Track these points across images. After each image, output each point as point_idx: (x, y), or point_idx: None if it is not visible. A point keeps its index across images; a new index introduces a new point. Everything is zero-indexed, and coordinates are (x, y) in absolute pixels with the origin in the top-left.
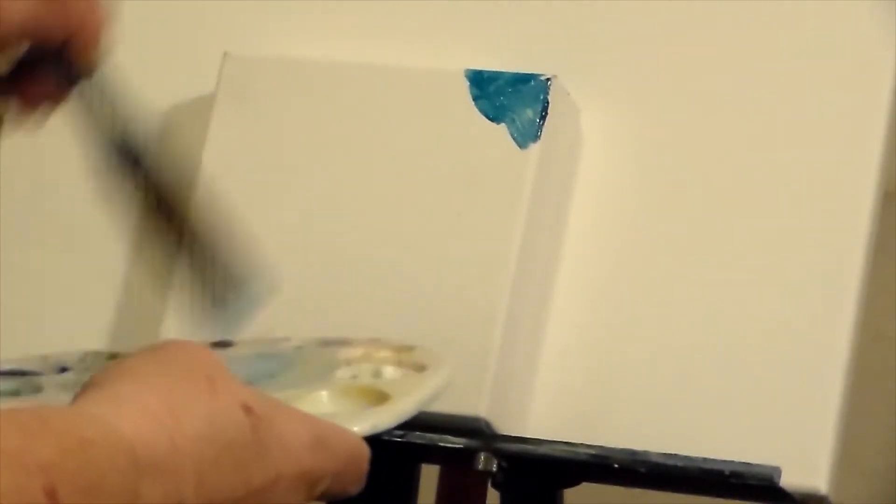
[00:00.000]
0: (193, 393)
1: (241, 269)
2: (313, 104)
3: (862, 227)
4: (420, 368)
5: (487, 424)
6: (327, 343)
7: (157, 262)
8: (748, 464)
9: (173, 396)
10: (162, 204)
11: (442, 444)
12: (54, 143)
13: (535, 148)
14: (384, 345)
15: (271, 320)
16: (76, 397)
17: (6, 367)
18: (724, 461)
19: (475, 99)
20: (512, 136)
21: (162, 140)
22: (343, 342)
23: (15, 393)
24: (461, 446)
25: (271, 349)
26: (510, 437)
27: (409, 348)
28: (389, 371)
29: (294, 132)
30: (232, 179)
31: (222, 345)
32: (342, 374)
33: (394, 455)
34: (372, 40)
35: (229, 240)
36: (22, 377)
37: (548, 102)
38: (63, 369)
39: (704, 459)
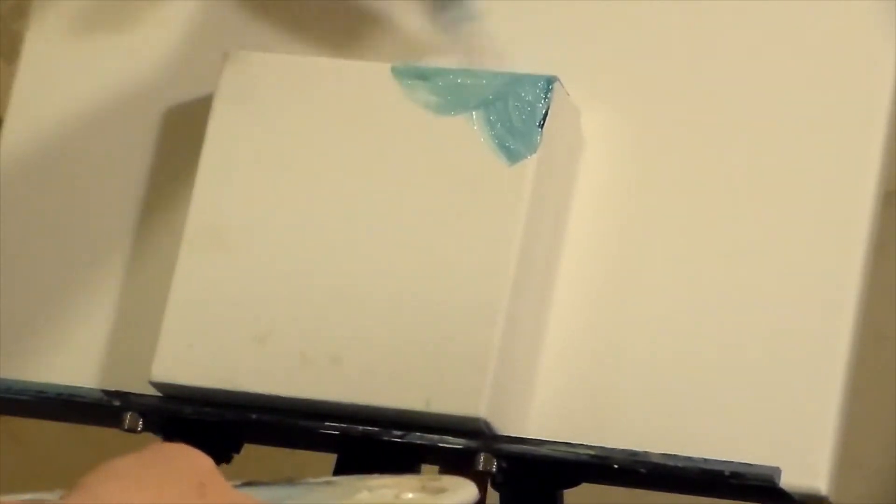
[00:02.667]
0: (182, 498)
1: None
2: (313, 104)
3: (862, 227)
4: (441, 491)
5: (487, 425)
6: (364, 477)
7: None
8: (748, 464)
9: (161, 501)
10: None
11: (442, 445)
12: (55, 143)
13: None
14: (414, 476)
15: (269, 318)
16: (62, 498)
17: (27, 496)
18: (724, 461)
19: None
20: None
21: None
22: (379, 477)
23: None
24: (461, 446)
25: (301, 481)
26: (510, 437)
27: (437, 478)
28: (409, 495)
29: (294, 132)
30: (232, 179)
31: (252, 484)
32: (362, 497)
33: (394, 455)
34: (371, 40)
35: None
36: None
37: (549, 104)
38: None
39: (704, 460)
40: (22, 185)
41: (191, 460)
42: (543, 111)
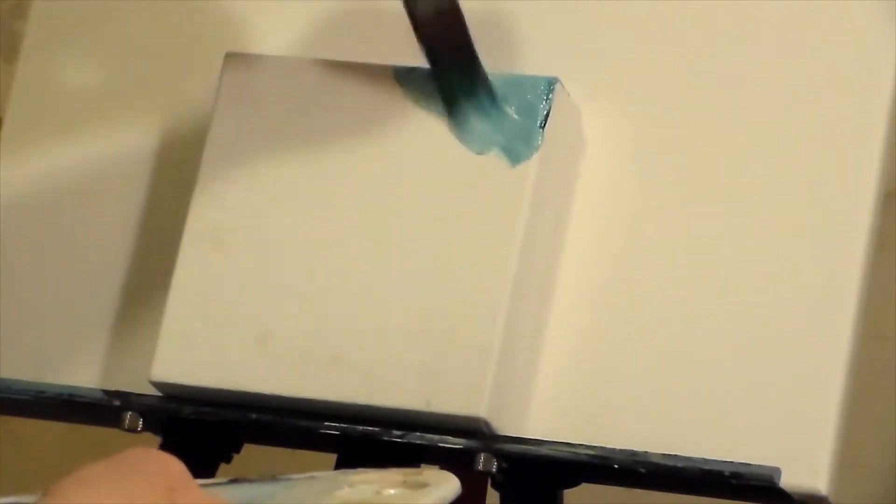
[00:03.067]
0: (151, 502)
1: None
2: (314, 105)
3: (862, 227)
4: (422, 486)
5: (487, 425)
6: (345, 472)
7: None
8: (748, 464)
9: None
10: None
11: (442, 444)
12: (55, 143)
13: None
14: (398, 471)
15: (269, 318)
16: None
17: (5, 500)
18: (724, 461)
19: None
20: None
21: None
22: (361, 471)
23: None
24: (461, 446)
25: (284, 477)
26: (510, 437)
27: (419, 472)
28: (390, 491)
29: (295, 133)
30: (232, 180)
31: (238, 481)
32: (342, 493)
33: (394, 455)
34: (372, 40)
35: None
36: None
37: (550, 104)
38: None
39: (704, 460)
40: (21, 184)
41: (161, 464)
42: (545, 112)
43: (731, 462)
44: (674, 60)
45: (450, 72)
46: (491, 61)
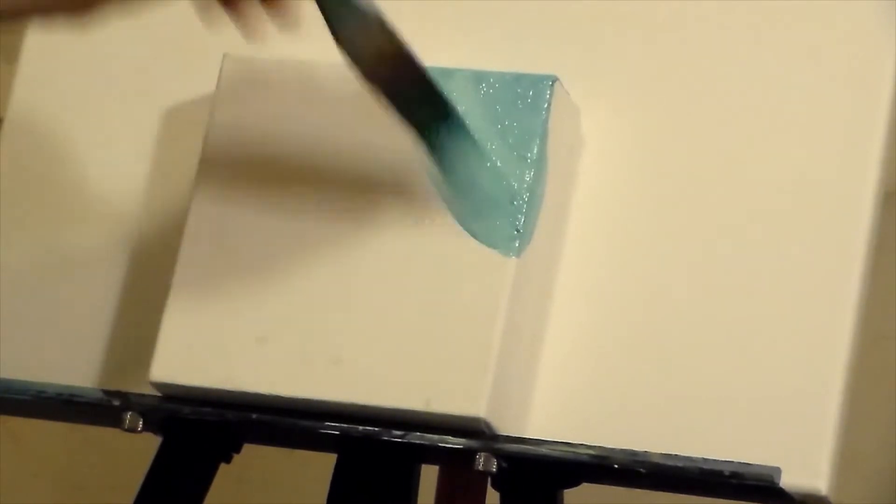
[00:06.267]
0: None
1: None
2: (313, 105)
3: (862, 227)
4: None
5: (487, 425)
6: None
7: None
8: (748, 464)
9: None
10: None
11: (442, 445)
12: (55, 143)
13: None
14: None
15: (269, 318)
16: None
17: None
18: (724, 461)
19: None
20: None
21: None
22: None
23: None
24: (461, 446)
25: None
26: (510, 437)
27: None
28: None
29: (293, 133)
30: (232, 179)
31: None
32: None
33: (394, 455)
34: None
35: None
36: None
37: (549, 103)
38: None
39: (704, 459)
40: (22, 184)
41: None
42: (544, 111)
43: (731, 462)
44: (673, 60)
45: (413, 107)
46: (491, 61)
